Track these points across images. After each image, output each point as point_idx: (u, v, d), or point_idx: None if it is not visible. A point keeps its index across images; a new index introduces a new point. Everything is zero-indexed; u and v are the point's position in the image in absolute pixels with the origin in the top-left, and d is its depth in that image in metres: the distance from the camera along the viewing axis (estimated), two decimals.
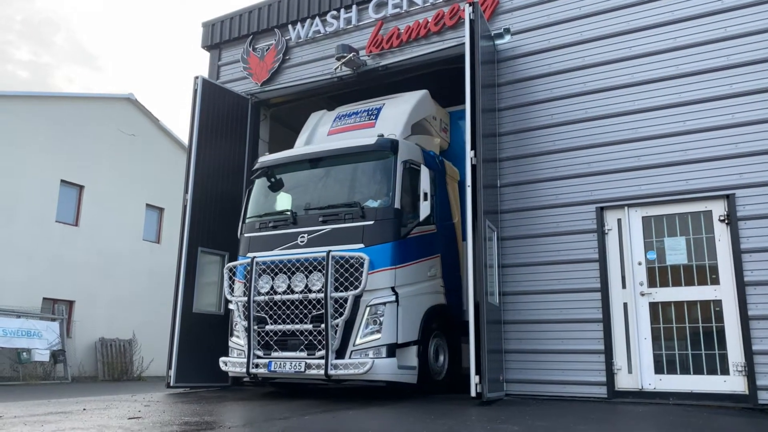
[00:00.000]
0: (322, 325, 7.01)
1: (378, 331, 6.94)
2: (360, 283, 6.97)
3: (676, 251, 7.37)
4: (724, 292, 7.04)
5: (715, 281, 7.11)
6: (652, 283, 7.43)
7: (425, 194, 7.35)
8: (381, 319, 6.96)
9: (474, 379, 6.80)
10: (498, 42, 8.80)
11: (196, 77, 9.98)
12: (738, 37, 7.41)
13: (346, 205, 7.56)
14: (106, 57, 75.80)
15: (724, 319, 6.98)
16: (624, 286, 7.53)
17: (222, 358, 7.86)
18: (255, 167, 8.60)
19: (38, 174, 19.89)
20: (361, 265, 7.01)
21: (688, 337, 7.16)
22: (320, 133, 9.25)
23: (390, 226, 7.29)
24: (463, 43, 7.80)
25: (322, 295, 7.07)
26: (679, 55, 7.66)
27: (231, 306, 7.96)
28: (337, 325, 6.96)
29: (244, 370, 7.35)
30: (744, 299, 6.87)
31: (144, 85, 76.20)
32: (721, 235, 7.18)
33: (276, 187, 8.41)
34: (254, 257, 7.61)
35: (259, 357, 7.34)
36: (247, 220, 8.29)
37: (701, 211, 7.33)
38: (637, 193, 7.60)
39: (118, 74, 74.15)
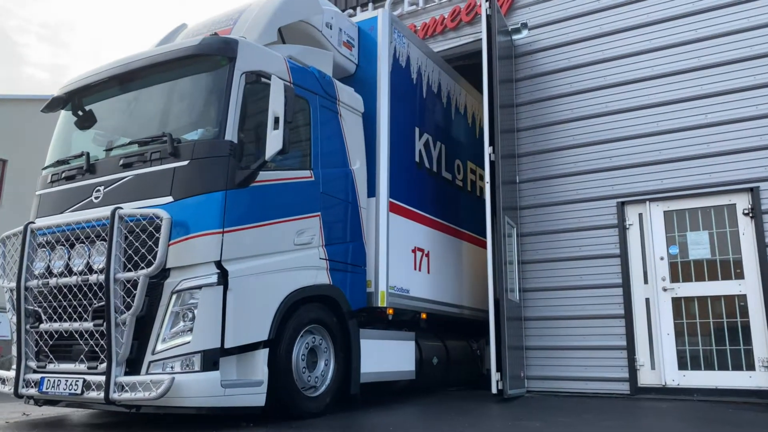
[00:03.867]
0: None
1: (189, 331, 4.64)
2: (156, 257, 4.65)
3: (699, 246, 7.28)
4: (749, 286, 6.94)
5: (740, 276, 7.01)
6: (674, 278, 7.34)
7: (276, 120, 5.00)
8: (194, 312, 4.67)
9: (495, 376, 6.79)
10: (515, 37, 8.74)
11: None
12: (763, 27, 7.28)
13: (155, 139, 5.16)
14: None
15: (749, 313, 6.88)
16: (646, 282, 7.45)
17: None
18: (55, 96, 6.20)
19: None
20: (158, 228, 4.70)
21: (712, 333, 7.06)
22: None
23: (215, 168, 4.91)
24: (480, 39, 7.76)
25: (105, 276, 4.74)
26: (702, 46, 7.55)
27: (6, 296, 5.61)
28: (124, 323, 4.62)
29: (12, 389, 5.06)
30: None
31: None
32: (746, 228, 7.08)
33: (83, 121, 6.00)
34: (28, 224, 5.36)
35: (33, 371, 5.09)
36: (43, 172, 5.99)
37: (724, 204, 7.22)
38: (659, 188, 7.51)
39: None
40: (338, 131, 6.28)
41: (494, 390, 6.75)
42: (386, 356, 6.58)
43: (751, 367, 6.78)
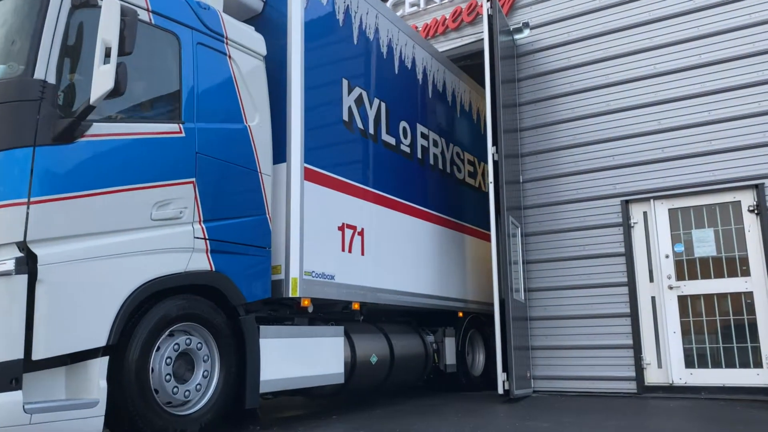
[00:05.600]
0: None
1: None
2: None
3: (705, 243, 7.25)
4: (756, 283, 6.91)
5: (746, 273, 6.98)
6: (680, 276, 7.31)
7: (107, 50, 3.84)
8: None
9: (501, 376, 6.78)
10: (517, 37, 8.74)
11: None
12: (765, 23, 7.25)
13: None
14: None
15: (756, 311, 6.85)
16: (651, 280, 7.42)
17: None
18: None
19: None
20: None
21: (718, 331, 7.04)
22: None
23: (18, 117, 3.79)
24: (482, 39, 7.75)
25: None
26: (704, 43, 7.52)
27: None
28: None
29: None
30: None
31: None
32: (751, 225, 7.05)
33: None
34: None
35: None
36: None
37: (729, 201, 7.20)
38: (663, 185, 7.49)
39: None
40: (227, 78, 5.05)
41: (500, 390, 6.74)
42: (301, 358, 5.33)
43: (758, 364, 6.75)
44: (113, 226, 4.06)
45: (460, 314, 8.10)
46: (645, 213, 7.60)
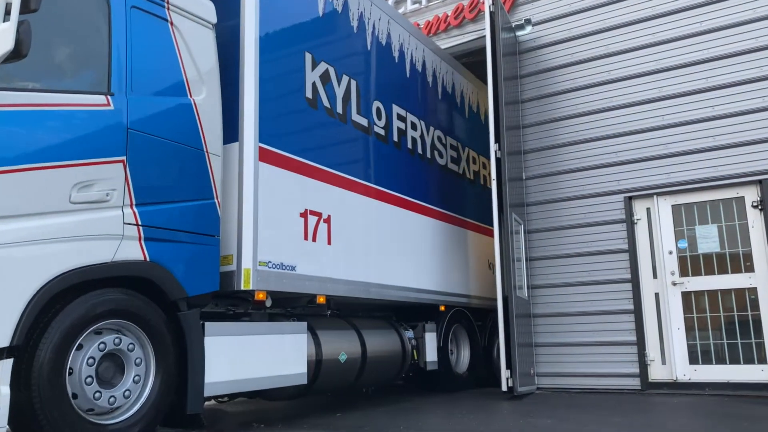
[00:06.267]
0: None
1: None
2: None
3: (708, 239, 7.24)
4: (760, 279, 6.90)
5: (750, 269, 6.97)
6: (683, 273, 7.30)
7: (8, 6, 3.52)
8: None
9: (505, 373, 6.78)
10: (519, 33, 8.72)
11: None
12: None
13: None
14: None
15: (759, 307, 6.84)
16: (655, 276, 7.42)
17: None
18: None
19: None
20: None
21: (722, 327, 7.03)
22: None
23: None
24: (484, 36, 7.74)
25: None
26: (707, 39, 7.49)
27: None
28: None
29: None
30: None
31: None
32: (755, 221, 7.04)
33: None
34: None
35: None
36: None
37: (733, 197, 7.18)
38: (666, 182, 7.47)
39: None
40: (168, 47, 4.56)
41: (504, 387, 6.75)
42: (256, 357, 4.87)
43: (762, 360, 6.74)
44: (20, 209, 3.54)
45: (442, 308, 7.58)
46: (648, 209, 7.59)
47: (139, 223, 4.13)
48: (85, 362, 3.74)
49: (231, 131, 4.89)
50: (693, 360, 7.09)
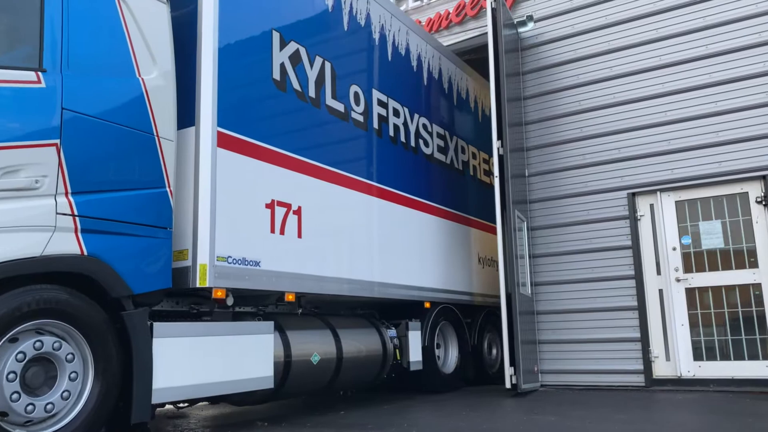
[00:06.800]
0: None
1: None
2: None
3: (712, 235, 7.21)
4: (764, 275, 6.87)
5: (754, 264, 6.94)
6: (687, 269, 7.28)
7: None
8: None
9: (508, 370, 6.77)
10: (521, 30, 8.70)
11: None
12: None
13: None
14: None
15: (764, 302, 6.81)
16: (659, 273, 7.39)
17: None
18: None
19: None
20: None
21: (727, 323, 7.00)
22: None
23: None
24: (486, 33, 7.72)
25: None
26: (710, 34, 7.46)
27: None
28: None
29: None
30: None
31: None
32: (759, 217, 7.01)
33: None
34: None
35: None
36: None
37: (737, 193, 7.15)
38: (669, 178, 7.45)
39: None
40: (112, 21, 4.21)
41: (508, 385, 6.75)
42: (214, 360, 4.47)
43: (767, 356, 6.72)
44: None
45: (427, 305, 7.22)
46: (652, 205, 7.56)
47: (76, 213, 3.75)
48: (5, 374, 3.36)
49: (188, 115, 4.55)
50: (697, 356, 7.07)
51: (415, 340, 6.96)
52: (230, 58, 4.78)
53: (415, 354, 6.95)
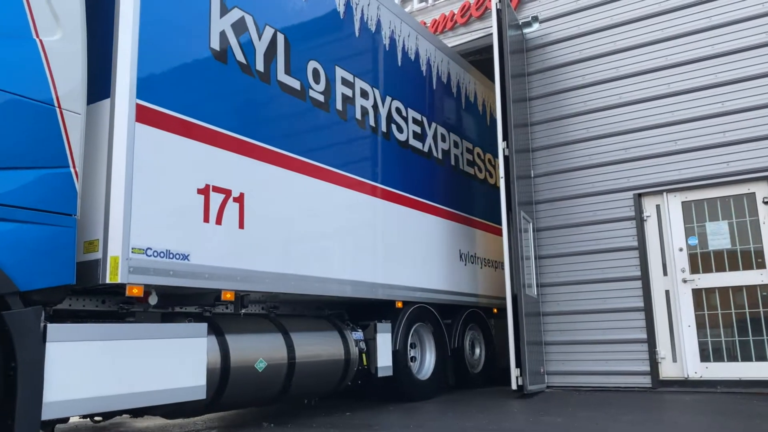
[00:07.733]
0: None
1: None
2: None
3: (719, 236, 7.19)
4: None
5: (761, 265, 6.91)
6: (694, 270, 7.25)
7: None
8: None
9: (514, 372, 6.76)
10: (526, 30, 8.69)
11: None
12: None
13: None
14: None
15: None
16: (665, 274, 7.37)
17: None
18: None
19: None
20: None
21: (734, 324, 6.98)
22: None
23: None
24: (491, 34, 7.72)
25: None
26: (716, 33, 7.44)
27: None
28: None
29: None
30: None
31: None
32: (766, 217, 6.98)
33: None
34: None
35: None
36: None
37: (744, 193, 7.13)
38: (676, 178, 7.43)
39: None
40: None
41: (514, 386, 6.74)
42: (129, 368, 3.86)
43: None
44: None
45: (399, 304, 6.55)
46: (658, 206, 7.54)
47: (21, 203, 3.35)
48: None
49: (103, 86, 3.97)
50: (704, 358, 7.04)
51: (384, 343, 6.32)
52: (155, 18, 4.18)
53: (384, 359, 6.29)
